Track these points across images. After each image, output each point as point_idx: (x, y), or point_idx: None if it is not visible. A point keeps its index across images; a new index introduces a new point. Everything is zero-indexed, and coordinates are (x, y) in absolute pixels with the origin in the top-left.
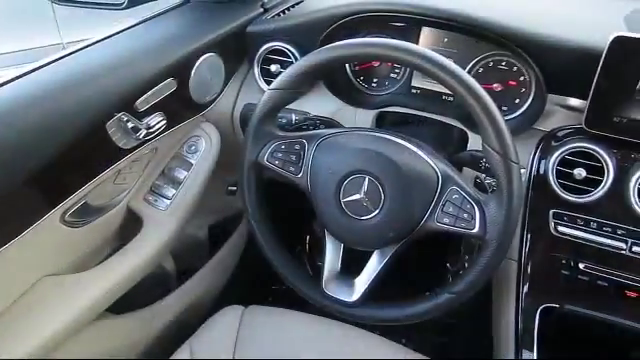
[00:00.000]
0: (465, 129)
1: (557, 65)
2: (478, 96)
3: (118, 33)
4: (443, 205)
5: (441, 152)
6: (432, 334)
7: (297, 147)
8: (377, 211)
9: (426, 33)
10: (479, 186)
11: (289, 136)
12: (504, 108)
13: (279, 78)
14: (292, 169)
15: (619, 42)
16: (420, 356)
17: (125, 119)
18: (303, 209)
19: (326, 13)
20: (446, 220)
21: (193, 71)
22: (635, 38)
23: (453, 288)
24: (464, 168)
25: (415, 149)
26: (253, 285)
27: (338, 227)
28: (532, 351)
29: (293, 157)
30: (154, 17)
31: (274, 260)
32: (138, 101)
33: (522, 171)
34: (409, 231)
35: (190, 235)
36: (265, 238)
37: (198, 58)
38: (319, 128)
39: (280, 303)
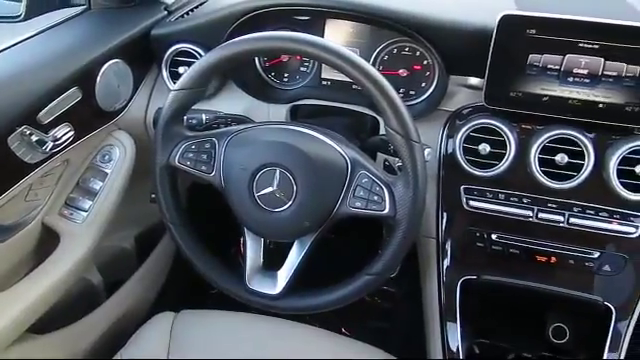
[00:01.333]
0: (375, 115)
1: (454, 47)
2: (376, 82)
3: (15, 45)
4: (354, 190)
5: (354, 139)
6: (371, 320)
7: (207, 146)
8: (291, 202)
9: (331, 25)
10: (388, 168)
11: (199, 135)
12: (412, 92)
13: (182, 78)
14: (204, 168)
15: (506, 21)
16: (359, 344)
17: (28, 132)
18: None
19: (229, 11)
20: (358, 204)
21: (98, 79)
22: (520, 16)
23: (371, 269)
24: (378, 153)
25: (324, 138)
26: (189, 290)
27: (254, 221)
28: (455, 322)
29: (204, 156)
30: (54, 26)
31: (195, 261)
32: (41, 113)
33: (427, 150)
34: (324, 218)
35: (115, 246)
36: (184, 241)
37: (102, 65)
38: (230, 126)
39: (219, 306)
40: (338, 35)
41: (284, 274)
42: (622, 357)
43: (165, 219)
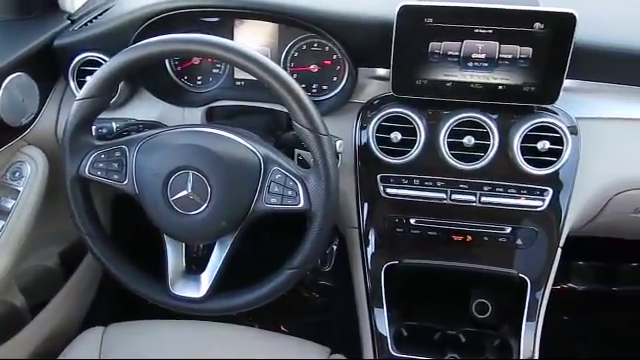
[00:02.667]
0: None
1: (358, 40)
2: (279, 79)
3: None
4: (268, 186)
5: (270, 137)
6: (310, 315)
7: (118, 154)
8: (206, 204)
9: (240, 26)
10: (302, 163)
11: (108, 144)
12: (324, 87)
13: (85, 86)
14: (116, 177)
15: (405, 11)
16: (293, 340)
17: None
18: None
19: (134, 15)
20: (273, 200)
21: (0, 94)
22: (417, 6)
23: (292, 263)
24: (296, 150)
25: (235, 137)
26: (122, 303)
27: (172, 226)
28: (382, 307)
29: (115, 165)
30: None
31: (115, 272)
32: None
33: (339, 142)
34: (242, 217)
35: (38, 266)
36: (103, 252)
37: (4, 79)
38: (142, 132)
39: (155, 316)
40: (248, 36)
41: (207, 276)
42: (539, 326)
43: (81, 232)
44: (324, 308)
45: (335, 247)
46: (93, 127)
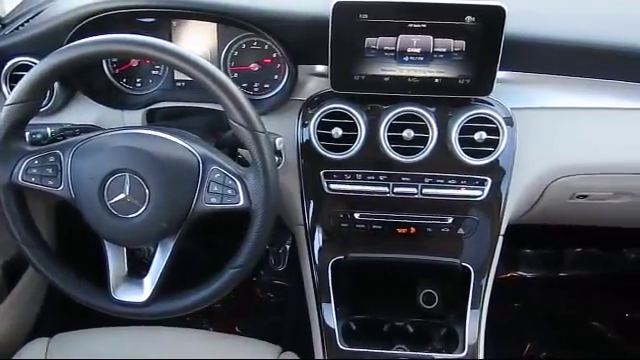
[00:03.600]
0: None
1: (295, 38)
2: (214, 77)
3: None
4: (208, 186)
5: (211, 137)
6: (265, 315)
7: (52, 159)
8: (145, 206)
9: (177, 26)
10: (241, 161)
11: (42, 149)
12: (266, 85)
13: (14, 90)
14: (51, 183)
15: (339, 8)
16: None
17: None
18: None
19: (67, 17)
20: (213, 200)
21: None
22: (351, 2)
23: (235, 262)
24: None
25: (171, 138)
26: (71, 312)
27: (111, 230)
28: (330, 303)
29: (49, 170)
30: None
31: (54, 280)
32: None
33: (279, 139)
34: (182, 218)
35: None
36: (41, 261)
37: None
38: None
39: (105, 324)
40: (186, 36)
41: (150, 280)
42: (484, 313)
43: (17, 241)
44: (279, 308)
45: (288, 246)
46: (27, 133)
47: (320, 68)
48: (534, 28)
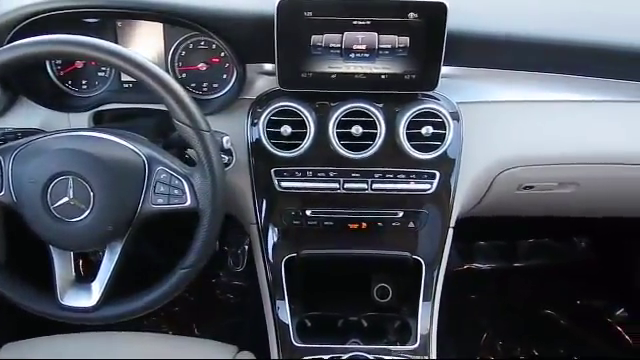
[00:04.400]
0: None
1: (241, 36)
2: (156, 77)
3: None
4: (154, 187)
5: (159, 138)
6: (225, 317)
7: None
8: (89, 209)
9: (123, 27)
10: (188, 161)
11: None
12: (215, 85)
13: None
14: None
15: (284, 6)
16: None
17: None
18: None
19: (7, 18)
20: (160, 200)
21: None
22: (296, 0)
23: (184, 263)
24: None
25: (116, 139)
26: (21, 319)
27: (56, 235)
28: (284, 300)
29: None
30: None
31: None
32: None
33: (226, 138)
34: (129, 220)
35: None
36: None
37: None
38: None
39: (61, 332)
40: (132, 36)
41: (98, 284)
42: (436, 305)
43: None
44: (239, 308)
45: (247, 247)
46: None
47: (268, 67)
48: (477, 24)
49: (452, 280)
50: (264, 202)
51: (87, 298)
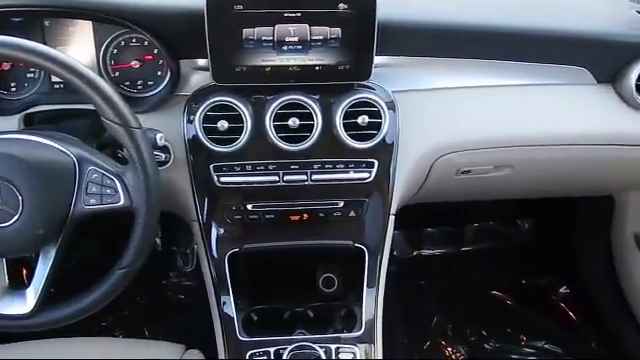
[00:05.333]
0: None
1: (171, 32)
2: (81, 75)
3: None
4: (86, 187)
5: (92, 138)
6: (177, 317)
7: None
8: (18, 214)
9: (51, 25)
10: (122, 160)
11: None
12: (150, 82)
13: None
14: None
15: (213, 0)
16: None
17: None
18: None
19: None
20: (92, 201)
21: None
22: None
23: (121, 263)
24: None
25: (43, 140)
26: None
27: None
28: (229, 295)
29: None
30: None
31: None
32: None
33: (160, 135)
34: (61, 223)
35: None
36: None
37: None
38: None
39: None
40: (60, 36)
41: (33, 290)
42: (381, 291)
43: None
44: (191, 308)
45: (196, 246)
46: None
47: (202, 62)
48: (408, 13)
49: (402, 267)
50: (204, 198)
51: (22, 305)
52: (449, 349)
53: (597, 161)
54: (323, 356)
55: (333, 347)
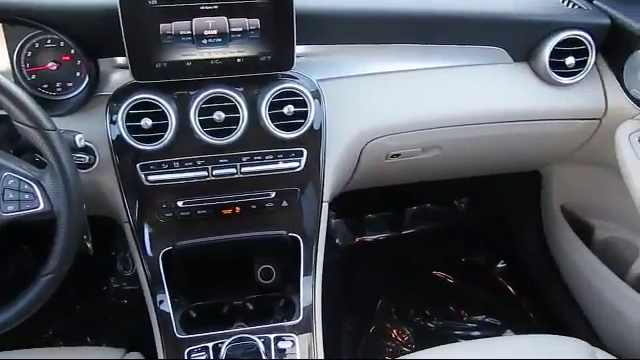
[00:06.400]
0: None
1: (86, 31)
2: None
3: None
4: (2, 194)
5: (10, 145)
6: (123, 321)
7: None
8: None
9: None
10: (38, 164)
11: None
12: (69, 84)
13: None
14: None
15: None
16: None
17: None
18: None
19: None
20: (10, 207)
21: None
22: None
23: (46, 269)
24: None
25: None
26: None
27: None
28: (165, 294)
29: None
30: None
31: None
32: None
33: (79, 136)
34: None
35: None
36: None
37: None
38: None
39: None
40: None
41: None
42: (318, 278)
43: None
44: (133, 312)
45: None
46: None
47: (121, 60)
48: (326, 1)
49: (345, 255)
50: (134, 199)
51: None
52: (394, 331)
53: (520, 137)
54: (262, 347)
55: (272, 337)
